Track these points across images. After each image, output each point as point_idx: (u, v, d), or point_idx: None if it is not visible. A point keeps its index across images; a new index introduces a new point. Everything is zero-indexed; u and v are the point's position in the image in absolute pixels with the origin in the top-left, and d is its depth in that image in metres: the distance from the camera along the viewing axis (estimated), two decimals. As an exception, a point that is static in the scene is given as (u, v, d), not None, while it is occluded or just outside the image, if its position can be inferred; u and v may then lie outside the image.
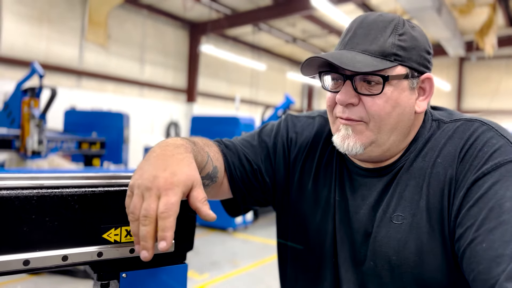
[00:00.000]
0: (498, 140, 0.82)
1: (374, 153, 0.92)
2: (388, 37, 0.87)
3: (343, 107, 0.90)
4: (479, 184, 0.78)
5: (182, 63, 14.63)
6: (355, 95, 0.88)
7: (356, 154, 0.91)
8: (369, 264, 0.92)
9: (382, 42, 0.87)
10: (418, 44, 0.90)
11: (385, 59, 0.86)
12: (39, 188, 0.69)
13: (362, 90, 0.88)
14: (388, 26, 0.89)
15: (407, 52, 0.88)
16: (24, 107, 5.68)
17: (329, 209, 1.01)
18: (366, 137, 0.89)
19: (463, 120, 0.90)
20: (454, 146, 0.87)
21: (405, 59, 0.88)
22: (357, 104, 0.89)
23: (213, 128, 7.63)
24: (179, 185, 0.69)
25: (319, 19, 13.79)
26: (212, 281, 5.00)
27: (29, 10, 9.89)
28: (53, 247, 0.69)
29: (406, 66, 0.88)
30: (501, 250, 0.68)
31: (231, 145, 1.08)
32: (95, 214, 0.74)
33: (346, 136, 0.91)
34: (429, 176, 0.88)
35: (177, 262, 0.84)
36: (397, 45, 0.87)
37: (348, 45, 0.90)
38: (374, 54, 0.86)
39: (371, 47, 0.87)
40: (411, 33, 0.90)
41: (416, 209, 0.87)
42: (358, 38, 0.89)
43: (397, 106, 0.88)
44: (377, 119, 0.88)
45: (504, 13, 13.32)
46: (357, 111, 0.89)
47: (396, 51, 0.87)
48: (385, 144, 0.90)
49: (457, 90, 18.79)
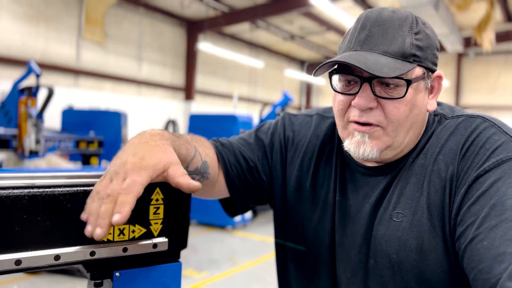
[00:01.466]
0: (500, 136, 0.81)
1: (388, 155, 0.90)
2: (406, 37, 0.85)
3: (360, 111, 0.87)
4: (481, 181, 0.77)
5: (180, 61, 14.60)
6: (374, 99, 0.85)
7: (371, 158, 0.89)
8: (370, 263, 0.91)
9: (401, 43, 0.84)
10: (431, 42, 0.88)
11: (406, 61, 0.84)
12: (31, 188, 0.69)
13: (382, 93, 0.85)
14: (404, 24, 0.86)
15: (423, 52, 0.86)
16: (21, 107, 5.65)
17: (328, 209, 1.00)
18: (382, 142, 0.88)
19: (465, 116, 0.89)
20: (455, 143, 0.85)
21: (422, 59, 0.86)
22: (375, 107, 0.86)
23: (211, 126, 7.61)
24: (146, 168, 0.70)
25: (317, 16, 13.77)
26: (211, 279, 5.00)
27: (25, 9, 9.85)
28: (45, 247, 0.69)
29: (423, 66, 0.86)
30: (503, 248, 0.66)
31: (227, 144, 1.07)
32: (88, 213, 0.73)
33: (361, 142, 0.88)
34: (430, 173, 0.86)
35: (171, 260, 0.84)
36: (415, 45, 0.85)
37: (366, 45, 0.86)
38: (395, 56, 0.83)
39: (390, 48, 0.84)
40: (425, 31, 0.87)
41: (416, 206, 0.86)
42: (376, 37, 0.85)
43: (414, 108, 0.87)
44: (396, 123, 0.86)
45: (502, 9, 13.31)
46: (375, 115, 0.86)
47: (415, 51, 0.84)
48: (400, 146, 0.89)
49: (456, 86, 18.79)
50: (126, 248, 0.76)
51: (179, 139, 0.85)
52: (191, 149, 0.88)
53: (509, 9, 13.68)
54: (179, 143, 0.83)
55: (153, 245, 0.79)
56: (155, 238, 0.80)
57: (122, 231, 0.76)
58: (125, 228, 0.77)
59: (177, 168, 0.73)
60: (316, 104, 22.47)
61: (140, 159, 0.71)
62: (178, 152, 0.80)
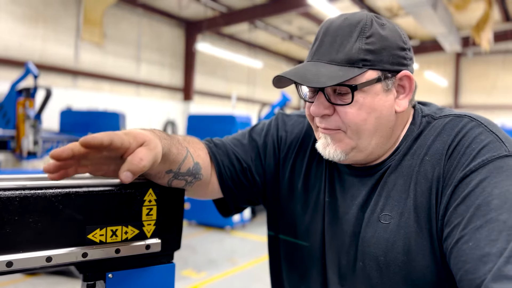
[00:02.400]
0: (486, 136, 0.80)
1: (357, 157, 0.91)
2: (355, 43, 0.84)
3: (320, 117, 0.90)
4: (467, 181, 0.76)
5: (179, 62, 14.60)
6: (328, 106, 0.87)
7: (339, 160, 0.90)
8: (358, 265, 0.91)
9: (348, 49, 0.84)
10: (388, 43, 0.86)
11: (353, 67, 0.84)
12: (22, 189, 0.68)
13: (336, 100, 0.86)
14: (354, 30, 0.86)
15: (376, 55, 0.85)
16: (19, 108, 5.66)
17: (319, 210, 1.00)
18: (345, 144, 0.89)
19: (452, 116, 0.88)
20: (442, 143, 0.85)
21: (375, 62, 0.85)
22: (332, 114, 0.88)
23: (209, 126, 7.62)
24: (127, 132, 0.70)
25: (315, 16, 13.78)
26: (210, 280, 5.00)
27: (23, 10, 9.84)
28: (36, 248, 0.69)
29: (377, 69, 0.85)
30: (488, 249, 0.66)
31: (220, 144, 1.07)
32: (80, 214, 0.73)
33: (326, 144, 0.90)
34: (417, 174, 0.86)
35: (164, 261, 0.84)
36: (364, 49, 0.84)
37: (315, 56, 0.89)
38: (341, 63, 0.84)
39: (337, 56, 0.85)
40: (379, 33, 0.86)
41: (403, 208, 0.85)
42: (324, 47, 0.87)
43: (373, 111, 0.86)
44: (353, 127, 0.87)
45: (500, 8, 13.34)
46: (333, 120, 0.88)
47: (364, 56, 0.84)
48: (367, 148, 0.89)
49: (454, 85, 18.82)
50: (119, 249, 0.76)
51: (170, 138, 0.84)
52: (182, 150, 0.87)
53: (507, 9, 13.70)
54: (169, 142, 0.82)
55: (146, 246, 0.79)
56: (148, 239, 0.80)
57: (114, 232, 0.76)
58: (118, 229, 0.76)
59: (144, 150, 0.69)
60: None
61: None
62: (168, 151, 0.79)
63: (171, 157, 0.81)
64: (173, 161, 0.83)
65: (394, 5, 12.92)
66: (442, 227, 0.80)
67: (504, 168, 0.74)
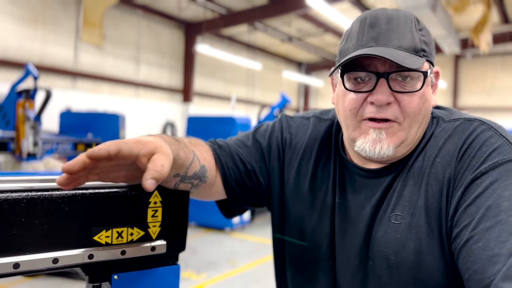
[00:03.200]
0: (497, 139, 0.82)
1: (401, 152, 0.90)
2: (414, 32, 0.87)
3: (378, 107, 0.86)
4: (477, 183, 0.77)
5: (178, 63, 14.61)
6: (391, 94, 0.86)
7: (386, 157, 0.88)
8: (368, 265, 0.91)
9: (411, 37, 0.86)
10: (432, 39, 0.92)
11: (417, 55, 0.86)
12: (29, 191, 0.69)
13: (397, 88, 0.86)
14: (409, 21, 0.88)
15: (429, 47, 0.89)
16: (19, 109, 5.65)
17: (326, 211, 1.00)
18: (398, 138, 0.88)
19: (463, 120, 0.89)
20: (453, 146, 0.86)
21: (428, 54, 0.88)
22: (392, 102, 0.86)
23: (209, 128, 7.62)
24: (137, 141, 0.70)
25: (315, 17, 13.80)
26: (210, 281, 5.00)
27: (23, 11, 9.84)
28: (43, 250, 0.69)
29: (428, 61, 0.89)
30: (497, 250, 0.67)
31: (224, 146, 1.07)
32: (86, 216, 0.73)
33: (377, 140, 0.87)
34: (428, 175, 0.87)
35: (169, 263, 0.84)
36: (423, 40, 0.87)
37: (380, 41, 0.86)
38: (409, 50, 0.85)
39: (404, 42, 0.85)
40: (426, 28, 0.91)
41: (414, 208, 0.86)
42: (388, 33, 0.86)
43: (426, 101, 0.88)
44: (412, 117, 0.86)
45: (498, 10, 13.36)
46: (392, 110, 0.86)
47: (423, 46, 0.87)
48: (413, 141, 0.90)
49: (453, 87, 18.84)
50: (125, 251, 0.76)
51: (178, 143, 0.85)
52: (189, 153, 0.88)
53: (505, 11, 13.73)
54: (177, 146, 0.82)
55: (151, 247, 0.79)
56: (153, 241, 0.80)
57: (120, 234, 0.76)
58: (123, 231, 0.77)
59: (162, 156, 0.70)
60: (314, 105, 22.49)
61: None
62: (177, 156, 0.80)
63: (179, 161, 0.82)
64: (181, 165, 0.83)
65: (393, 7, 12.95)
66: (451, 228, 0.80)
67: None
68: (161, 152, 0.71)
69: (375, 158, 0.90)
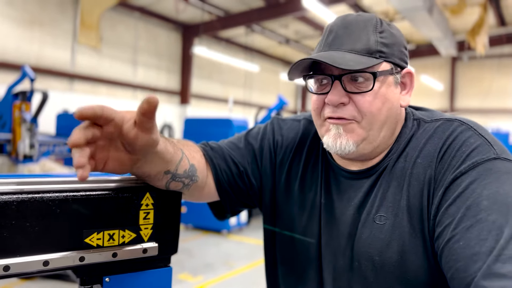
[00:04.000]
0: (476, 139, 0.83)
1: (366, 150, 0.92)
2: (371, 35, 0.89)
3: (334, 107, 0.90)
4: (457, 183, 0.79)
5: (175, 65, 14.61)
6: (345, 94, 0.89)
7: (349, 152, 0.91)
8: (354, 265, 0.92)
9: (366, 40, 0.89)
10: (397, 40, 0.93)
11: (371, 56, 0.88)
12: (19, 193, 0.69)
13: (352, 89, 0.89)
14: (368, 24, 0.91)
15: (389, 49, 0.90)
16: (15, 111, 5.64)
17: (315, 212, 1.01)
18: (357, 135, 0.90)
19: (443, 120, 0.92)
20: (433, 146, 0.88)
21: (389, 55, 0.90)
22: (348, 103, 0.89)
23: (206, 130, 7.61)
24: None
25: (312, 20, 13.83)
26: (206, 284, 4.99)
27: (20, 13, 9.83)
28: (34, 252, 0.69)
29: (390, 62, 0.90)
30: (478, 248, 0.69)
31: (217, 148, 1.08)
32: (77, 218, 0.73)
33: (337, 135, 0.91)
34: (410, 176, 0.89)
35: (161, 265, 0.84)
36: (380, 42, 0.89)
37: (333, 46, 0.90)
38: (361, 53, 0.88)
39: (356, 46, 0.88)
40: (389, 30, 0.92)
41: (397, 209, 0.88)
42: (342, 38, 0.90)
43: (386, 101, 0.90)
44: (369, 116, 0.89)
45: (495, 13, 13.43)
46: (348, 110, 0.89)
47: (380, 48, 0.89)
48: (376, 140, 0.91)
49: (450, 89, 18.91)
50: (116, 253, 0.76)
51: (165, 138, 0.85)
52: (177, 151, 0.88)
53: (502, 14, 13.80)
54: (165, 139, 0.83)
55: (143, 250, 0.79)
56: (145, 243, 0.80)
57: (112, 236, 0.76)
58: (115, 233, 0.77)
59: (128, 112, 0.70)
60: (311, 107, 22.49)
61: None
62: (165, 147, 0.80)
63: (168, 155, 0.82)
64: (170, 160, 0.83)
65: (390, 9, 13.00)
66: (433, 227, 0.82)
67: (493, 170, 0.77)
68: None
69: (340, 154, 0.92)
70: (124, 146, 0.72)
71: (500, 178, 0.76)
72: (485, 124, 12.85)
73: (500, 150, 0.81)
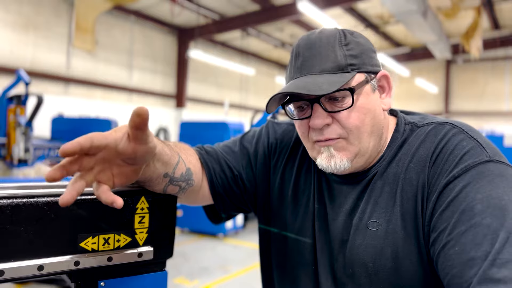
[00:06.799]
0: (468, 142, 0.83)
1: (359, 163, 0.92)
2: (337, 51, 0.89)
3: (319, 130, 0.90)
4: (450, 187, 0.79)
5: (171, 69, 14.60)
6: (327, 115, 0.89)
7: (344, 169, 0.90)
8: (348, 272, 0.92)
9: (334, 57, 0.88)
10: (364, 48, 0.92)
11: (343, 72, 0.87)
12: (14, 198, 0.68)
13: (333, 108, 0.89)
14: (332, 40, 0.90)
15: (358, 59, 0.90)
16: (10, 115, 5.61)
17: (309, 217, 1.01)
18: (349, 152, 0.90)
19: (435, 124, 0.91)
20: (425, 151, 0.87)
21: (360, 65, 0.89)
22: (331, 123, 0.89)
23: (202, 133, 7.61)
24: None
25: (307, 23, 13.87)
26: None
27: (15, 17, 9.80)
28: (28, 257, 0.69)
29: (362, 71, 0.90)
30: (473, 253, 0.68)
31: (212, 152, 1.08)
32: (72, 222, 0.73)
33: (330, 156, 0.90)
34: (403, 181, 0.88)
35: (156, 269, 0.84)
36: (348, 55, 0.89)
37: (304, 70, 0.90)
38: (332, 71, 0.87)
39: (326, 65, 0.88)
40: (354, 40, 0.91)
41: (391, 215, 0.87)
42: (310, 60, 0.89)
43: (368, 111, 0.90)
44: (355, 131, 0.89)
45: (488, 16, 13.53)
46: (333, 129, 0.89)
47: (350, 61, 0.88)
48: (367, 151, 0.91)
49: (445, 92, 19.00)
50: (111, 258, 0.76)
51: (162, 141, 0.85)
52: (174, 154, 0.88)
53: (495, 17, 13.90)
54: (161, 143, 0.83)
55: (138, 254, 0.79)
56: (140, 247, 0.80)
57: (107, 240, 0.76)
58: (110, 237, 0.77)
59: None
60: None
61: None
62: (162, 150, 0.80)
63: (166, 157, 0.82)
64: (168, 162, 0.83)
65: (385, 13, 13.06)
66: (428, 233, 0.81)
67: (486, 173, 0.77)
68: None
69: (336, 172, 0.92)
70: (125, 161, 0.71)
71: (493, 181, 0.75)
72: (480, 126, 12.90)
73: (493, 152, 0.81)
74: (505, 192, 0.73)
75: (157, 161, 0.79)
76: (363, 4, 12.34)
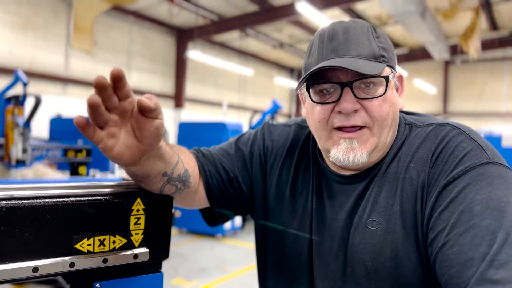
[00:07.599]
0: (468, 143, 0.83)
1: (374, 158, 0.92)
2: (372, 41, 0.89)
3: (346, 115, 0.88)
4: (450, 188, 0.79)
5: (170, 69, 14.59)
6: (357, 101, 0.88)
7: (361, 163, 0.89)
8: (347, 271, 0.92)
9: (369, 46, 0.89)
10: (390, 45, 0.94)
11: (377, 61, 0.88)
12: (8, 199, 0.68)
13: (362, 95, 0.88)
14: (366, 30, 0.91)
15: (387, 53, 0.91)
16: (8, 116, 5.60)
17: (306, 217, 1.01)
18: (370, 144, 0.89)
19: (435, 125, 0.92)
20: (426, 151, 0.88)
21: (388, 59, 0.91)
22: (359, 109, 0.88)
23: (200, 134, 7.61)
24: None
25: (306, 24, 13.88)
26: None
27: (13, 17, 9.79)
28: (23, 259, 0.69)
29: (390, 66, 0.91)
30: (471, 254, 0.69)
31: (208, 154, 1.08)
32: (67, 224, 0.73)
33: (349, 149, 0.89)
34: (403, 181, 0.88)
35: (152, 271, 0.84)
36: (381, 47, 0.90)
37: (339, 52, 0.88)
38: (368, 58, 0.87)
39: (362, 51, 0.88)
40: (383, 35, 0.94)
41: (390, 214, 0.87)
42: (346, 44, 0.88)
43: (392, 105, 0.91)
44: (380, 121, 0.89)
45: (487, 17, 13.55)
46: (360, 116, 0.88)
47: (382, 52, 0.89)
48: (384, 145, 0.91)
49: (443, 93, 19.02)
50: (107, 259, 0.76)
51: (164, 141, 0.85)
52: (174, 154, 0.88)
53: (494, 18, 13.93)
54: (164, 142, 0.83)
55: (134, 255, 0.79)
56: (136, 249, 0.80)
57: (102, 242, 0.76)
58: (106, 239, 0.77)
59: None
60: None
61: None
62: (164, 147, 0.81)
63: (167, 155, 0.83)
64: (168, 161, 0.84)
65: (383, 13, 13.08)
66: (427, 232, 0.82)
67: (485, 175, 0.77)
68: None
69: (349, 166, 0.91)
70: (134, 132, 0.71)
71: (493, 183, 0.76)
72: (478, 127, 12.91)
73: (492, 154, 0.82)
74: (504, 194, 0.74)
75: (158, 158, 0.79)
76: (361, 5, 12.35)
